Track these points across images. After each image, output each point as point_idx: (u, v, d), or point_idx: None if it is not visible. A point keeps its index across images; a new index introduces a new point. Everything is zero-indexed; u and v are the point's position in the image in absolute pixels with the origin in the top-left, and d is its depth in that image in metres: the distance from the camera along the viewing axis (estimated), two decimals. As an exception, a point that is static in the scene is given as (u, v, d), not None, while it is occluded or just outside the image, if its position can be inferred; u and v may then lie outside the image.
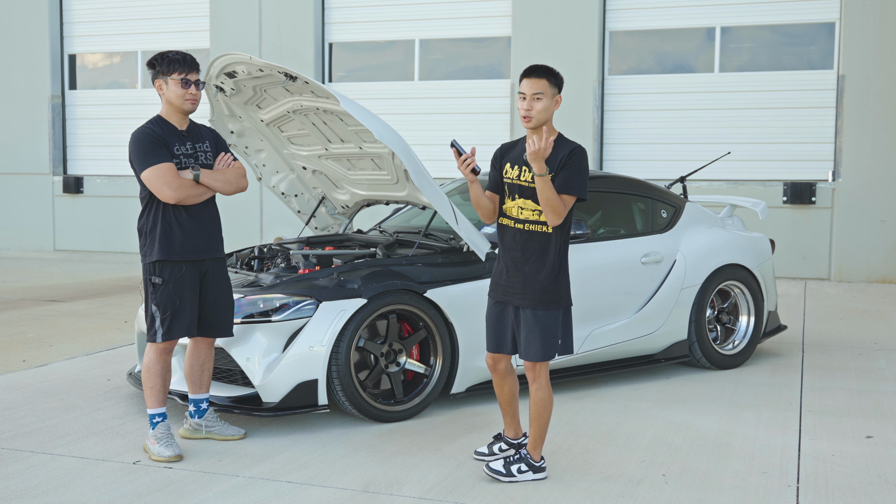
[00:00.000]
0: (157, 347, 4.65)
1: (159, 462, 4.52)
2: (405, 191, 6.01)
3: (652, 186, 6.69)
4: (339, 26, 13.39)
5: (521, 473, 4.24)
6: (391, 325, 5.27)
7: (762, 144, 11.71)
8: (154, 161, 4.52)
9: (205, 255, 4.70)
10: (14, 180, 15.03)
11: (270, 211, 13.46)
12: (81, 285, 10.88)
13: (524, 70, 4.29)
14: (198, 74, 4.70)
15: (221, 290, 4.82)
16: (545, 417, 4.25)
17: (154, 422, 4.64)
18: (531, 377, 4.25)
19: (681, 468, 4.47)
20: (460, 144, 4.17)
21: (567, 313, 4.28)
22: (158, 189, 4.52)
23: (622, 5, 12.17)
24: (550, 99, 4.18)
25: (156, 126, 4.64)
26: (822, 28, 11.56)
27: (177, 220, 4.61)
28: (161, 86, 4.64)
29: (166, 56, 4.63)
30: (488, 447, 4.56)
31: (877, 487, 4.23)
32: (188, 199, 4.59)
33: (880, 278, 11.27)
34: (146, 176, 4.53)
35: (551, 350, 4.21)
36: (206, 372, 4.89)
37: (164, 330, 4.60)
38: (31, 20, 14.69)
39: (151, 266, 4.62)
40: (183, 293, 4.62)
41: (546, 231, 4.20)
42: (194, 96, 4.65)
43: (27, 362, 6.71)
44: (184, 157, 4.64)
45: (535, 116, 4.16)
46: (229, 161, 4.78)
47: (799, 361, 6.83)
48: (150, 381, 4.66)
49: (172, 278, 4.60)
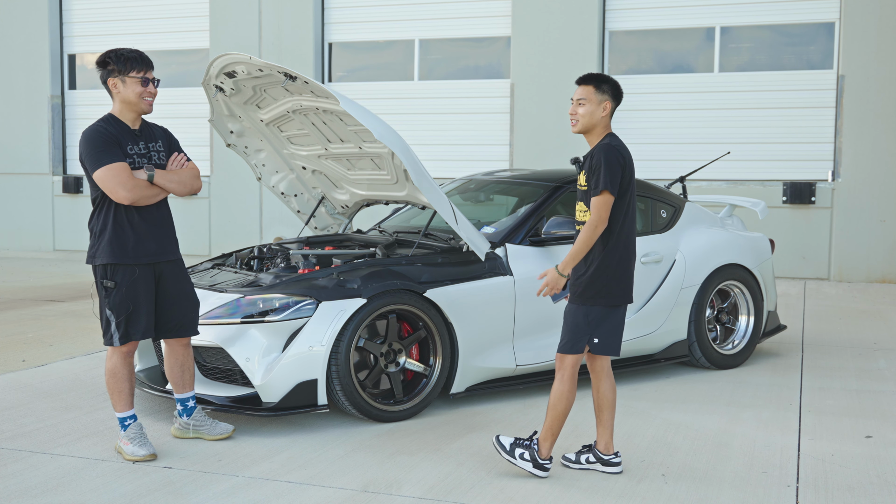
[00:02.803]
0: (120, 351, 4.56)
1: (138, 461, 4.49)
2: (405, 191, 6.01)
3: (651, 186, 6.69)
4: (338, 26, 13.39)
5: (521, 459, 4.27)
6: (391, 324, 5.27)
7: (762, 144, 11.70)
8: (107, 160, 4.41)
9: (157, 259, 4.60)
10: (14, 180, 15.03)
11: (270, 211, 13.46)
12: (81, 285, 10.88)
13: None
14: (153, 72, 4.62)
15: (181, 290, 4.72)
16: (558, 410, 4.27)
17: (125, 424, 4.59)
18: (556, 368, 4.31)
19: (680, 468, 4.47)
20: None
21: (612, 311, 4.28)
22: (112, 189, 4.40)
23: (622, 5, 12.17)
24: (596, 105, 4.30)
25: (108, 125, 4.53)
26: (822, 28, 11.56)
27: (129, 221, 4.50)
28: (116, 84, 4.53)
29: (121, 54, 4.53)
30: (576, 454, 4.51)
31: (876, 487, 4.23)
32: (142, 199, 4.48)
33: (880, 278, 11.27)
34: (99, 175, 4.41)
35: (578, 345, 4.25)
36: (186, 371, 4.85)
37: (120, 334, 4.51)
38: (31, 20, 14.69)
39: (103, 269, 4.52)
40: (137, 296, 4.52)
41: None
42: (153, 94, 4.57)
43: (27, 362, 6.71)
44: (137, 156, 4.54)
45: (580, 120, 4.32)
46: (183, 161, 4.69)
47: (798, 361, 6.83)
48: (117, 386, 4.58)
49: (125, 282, 4.50)
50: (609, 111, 4.31)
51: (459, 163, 12.26)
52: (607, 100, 4.30)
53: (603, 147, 4.23)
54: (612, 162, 4.20)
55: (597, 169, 4.19)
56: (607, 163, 4.19)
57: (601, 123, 4.31)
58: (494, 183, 6.89)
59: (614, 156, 4.21)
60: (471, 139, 12.81)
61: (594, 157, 4.23)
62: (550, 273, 4.23)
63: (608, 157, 4.20)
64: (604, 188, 4.17)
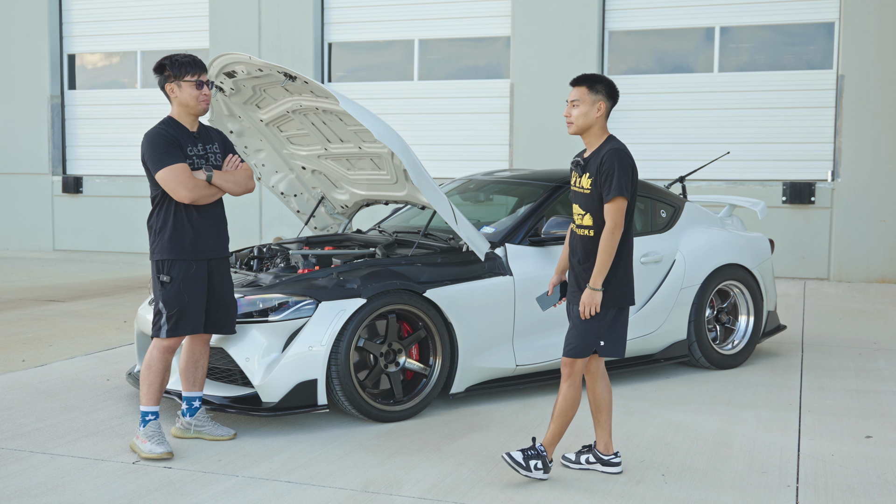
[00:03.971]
0: (161, 344, 4.67)
1: (152, 460, 4.51)
2: (404, 191, 6.01)
3: (651, 186, 6.69)
4: (338, 26, 13.39)
5: (536, 471, 4.25)
6: (390, 324, 5.27)
7: (761, 144, 11.71)
8: (169, 161, 4.58)
9: (213, 255, 4.76)
10: (13, 180, 15.02)
11: (270, 211, 13.46)
12: (81, 285, 10.88)
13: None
14: (207, 75, 4.76)
15: (227, 289, 4.88)
16: (569, 416, 4.27)
17: (146, 419, 4.64)
18: (565, 374, 4.28)
19: (680, 468, 4.47)
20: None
21: (620, 314, 4.27)
22: (174, 189, 4.57)
23: (622, 5, 12.17)
24: (590, 105, 4.27)
25: (169, 127, 4.69)
26: (822, 28, 11.56)
27: (188, 219, 4.67)
28: (173, 89, 4.69)
29: (175, 59, 4.68)
30: (575, 455, 4.51)
31: (876, 487, 4.23)
32: (201, 199, 4.65)
33: (879, 278, 11.27)
34: (161, 176, 4.58)
35: (588, 349, 4.24)
36: (199, 369, 4.90)
37: (169, 327, 4.63)
38: (31, 20, 14.68)
39: (160, 264, 4.67)
40: (191, 292, 4.66)
41: (590, 235, 4.27)
42: (207, 97, 4.72)
43: (26, 362, 6.71)
44: (196, 158, 4.70)
45: (574, 122, 4.31)
46: (237, 162, 4.84)
47: (798, 361, 6.83)
48: (150, 378, 4.67)
49: (181, 277, 4.64)
50: (604, 112, 4.29)
51: (459, 163, 12.25)
52: (601, 100, 4.28)
53: (616, 152, 4.21)
54: (627, 167, 4.20)
55: (609, 174, 4.17)
56: (622, 168, 4.18)
57: (597, 124, 4.30)
58: (494, 183, 6.89)
59: (627, 161, 4.22)
60: (471, 139, 12.81)
61: (605, 163, 4.20)
62: (585, 294, 4.18)
63: (622, 162, 4.19)
64: (619, 194, 4.16)
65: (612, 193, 4.16)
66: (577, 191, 4.37)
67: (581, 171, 4.35)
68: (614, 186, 4.16)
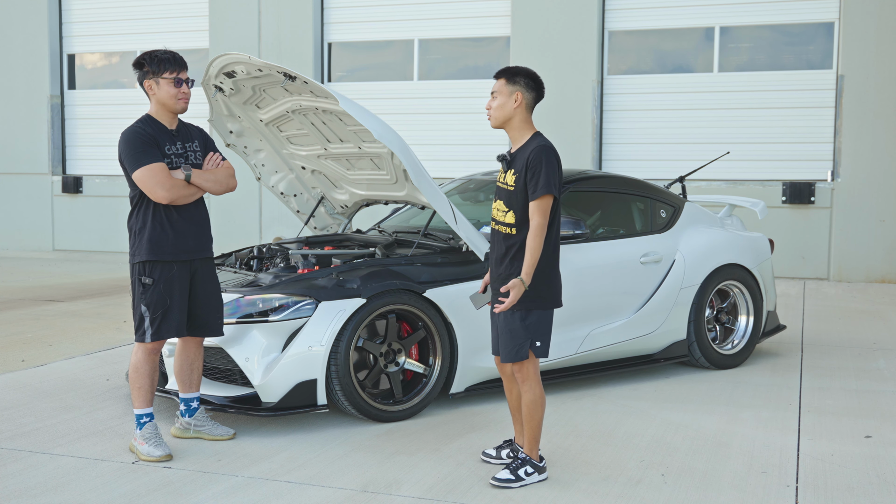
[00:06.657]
0: (146, 347, 4.61)
1: (151, 462, 4.51)
2: (404, 191, 6.01)
3: (651, 186, 6.69)
4: (338, 26, 13.39)
5: (528, 476, 4.22)
6: (390, 324, 5.27)
7: (761, 144, 11.71)
8: (146, 161, 4.50)
9: (195, 256, 4.69)
10: (13, 180, 15.02)
11: (269, 211, 13.46)
12: (80, 285, 10.88)
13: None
14: (187, 72, 4.68)
15: (211, 290, 4.80)
16: (537, 419, 4.23)
17: (141, 422, 4.61)
18: (519, 379, 4.23)
19: (680, 468, 4.47)
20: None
21: (546, 314, 4.19)
22: (151, 189, 4.49)
23: (621, 5, 12.17)
24: (507, 97, 4.19)
25: (146, 126, 4.62)
26: (822, 28, 11.56)
27: (168, 219, 4.58)
28: (151, 86, 4.62)
29: (154, 55, 4.59)
30: (496, 449, 4.53)
31: (876, 487, 4.23)
32: (180, 199, 4.57)
33: (879, 278, 11.27)
34: (138, 176, 4.50)
35: (523, 350, 4.16)
36: (195, 371, 4.88)
37: (153, 330, 4.57)
38: (31, 20, 14.69)
39: (141, 266, 4.59)
40: (173, 293, 4.59)
41: (512, 232, 4.18)
42: (186, 95, 4.65)
43: (26, 362, 6.70)
44: (174, 156, 4.62)
45: (492, 114, 4.24)
46: (218, 161, 4.76)
47: (798, 361, 6.83)
48: (138, 382, 4.62)
49: (163, 278, 4.57)
50: (521, 103, 4.17)
51: (459, 163, 12.26)
52: (519, 91, 4.17)
53: (543, 149, 4.11)
54: (554, 164, 4.11)
55: (536, 171, 4.07)
56: (549, 165, 4.08)
57: (517, 116, 4.19)
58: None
59: (554, 157, 4.13)
60: (471, 139, 12.80)
61: (532, 160, 4.09)
62: (517, 287, 4.05)
63: (549, 158, 4.10)
64: (548, 191, 4.06)
65: (539, 191, 4.06)
66: (502, 186, 4.27)
67: (507, 167, 4.25)
68: (542, 184, 4.06)
